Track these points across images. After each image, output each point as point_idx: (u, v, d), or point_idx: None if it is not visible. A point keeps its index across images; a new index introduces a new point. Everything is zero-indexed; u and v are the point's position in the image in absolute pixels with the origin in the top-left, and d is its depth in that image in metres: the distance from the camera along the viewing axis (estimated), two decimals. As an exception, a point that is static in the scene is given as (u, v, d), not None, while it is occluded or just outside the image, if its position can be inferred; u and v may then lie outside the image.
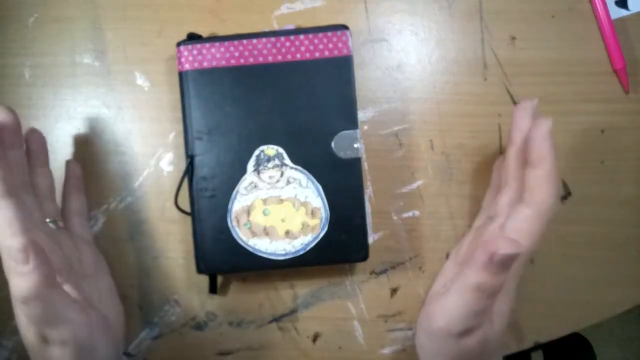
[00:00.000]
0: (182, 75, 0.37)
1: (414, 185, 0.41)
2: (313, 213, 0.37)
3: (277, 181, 0.37)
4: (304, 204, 0.37)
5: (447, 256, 0.40)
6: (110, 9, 0.41)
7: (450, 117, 0.41)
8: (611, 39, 0.40)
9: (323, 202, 0.37)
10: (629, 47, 0.41)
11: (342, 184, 0.37)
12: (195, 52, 0.37)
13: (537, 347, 0.41)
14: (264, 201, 0.37)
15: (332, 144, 0.37)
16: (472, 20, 0.41)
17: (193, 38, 0.38)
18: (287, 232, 0.37)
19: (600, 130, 0.41)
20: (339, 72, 0.37)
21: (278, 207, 0.37)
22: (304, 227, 0.37)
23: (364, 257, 0.37)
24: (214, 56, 0.37)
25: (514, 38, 0.41)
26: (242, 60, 0.37)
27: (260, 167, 0.37)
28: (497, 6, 0.41)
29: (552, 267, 0.40)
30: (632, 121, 0.41)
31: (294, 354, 0.41)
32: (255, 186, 0.37)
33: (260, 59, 0.37)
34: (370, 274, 0.41)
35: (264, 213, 0.37)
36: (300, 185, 0.37)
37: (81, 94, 0.41)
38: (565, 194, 0.41)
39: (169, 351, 0.41)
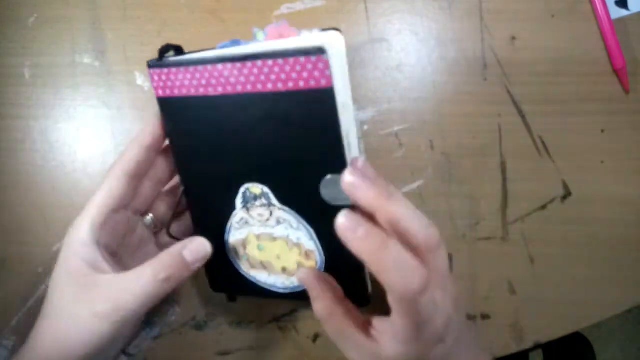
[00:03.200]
0: (159, 102, 0.33)
1: (414, 185, 0.41)
2: (307, 255, 0.34)
3: (267, 220, 0.34)
4: (297, 245, 0.34)
5: (448, 256, 0.40)
6: (110, 9, 0.41)
7: (450, 117, 0.41)
8: (611, 39, 0.40)
9: (317, 246, 0.33)
10: (629, 47, 0.41)
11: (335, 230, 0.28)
12: (164, 77, 0.32)
13: (537, 347, 0.41)
14: (257, 237, 0.35)
15: (321, 191, 0.30)
16: (472, 20, 0.41)
17: (166, 51, 0.32)
18: (284, 269, 0.35)
19: (600, 130, 0.41)
20: (318, 108, 0.29)
21: (271, 244, 0.34)
22: (300, 267, 0.34)
23: (364, 304, 0.34)
24: (182, 83, 0.31)
25: (514, 38, 0.41)
26: (210, 90, 0.31)
27: (249, 205, 0.34)
28: (497, 6, 0.41)
29: (552, 267, 0.40)
30: (632, 121, 0.41)
31: (294, 354, 0.41)
32: (247, 222, 0.34)
33: (229, 89, 0.30)
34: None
35: (259, 248, 0.35)
36: (291, 226, 0.33)
37: (81, 94, 0.41)
38: (565, 194, 0.41)
39: (169, 351, 0.41)
